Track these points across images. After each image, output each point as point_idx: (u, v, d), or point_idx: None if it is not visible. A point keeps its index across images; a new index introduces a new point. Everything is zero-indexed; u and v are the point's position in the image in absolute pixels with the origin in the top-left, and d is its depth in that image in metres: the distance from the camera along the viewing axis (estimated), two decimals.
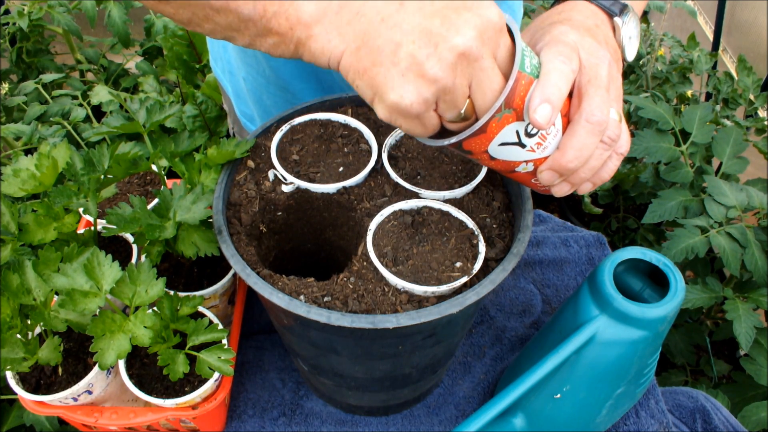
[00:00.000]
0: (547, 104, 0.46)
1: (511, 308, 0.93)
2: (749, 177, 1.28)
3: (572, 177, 0.53)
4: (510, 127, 0.48)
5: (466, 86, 0.45)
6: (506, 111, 0.46)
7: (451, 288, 0.55)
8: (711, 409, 0.84)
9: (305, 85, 0.86)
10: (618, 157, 0.54)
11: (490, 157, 0.51)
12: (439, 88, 0.44)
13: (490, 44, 0.43)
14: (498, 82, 0.45)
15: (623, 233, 1.71)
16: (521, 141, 0.50)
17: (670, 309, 0.61)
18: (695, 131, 1.26)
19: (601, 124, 0.50)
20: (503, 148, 0.50)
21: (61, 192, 0.61)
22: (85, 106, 1.31)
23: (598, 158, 0.52)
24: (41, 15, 1.40)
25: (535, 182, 0.56)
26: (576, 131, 0.50)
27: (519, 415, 0.71)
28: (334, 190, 0.65)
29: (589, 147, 0.50)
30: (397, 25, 0.43)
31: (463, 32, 0.42)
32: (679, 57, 1.63)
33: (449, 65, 0.43)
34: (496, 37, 0.44)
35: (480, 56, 0.43)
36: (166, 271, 0.74)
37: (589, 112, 0.49)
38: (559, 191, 0.55)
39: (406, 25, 0.43)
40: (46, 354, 0.60)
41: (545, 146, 0.51)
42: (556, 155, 0.51)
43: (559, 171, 0.52)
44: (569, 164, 0.51)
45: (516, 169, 0.53)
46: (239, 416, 0.80)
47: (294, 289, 0.57)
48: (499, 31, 0.44)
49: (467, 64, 0.43)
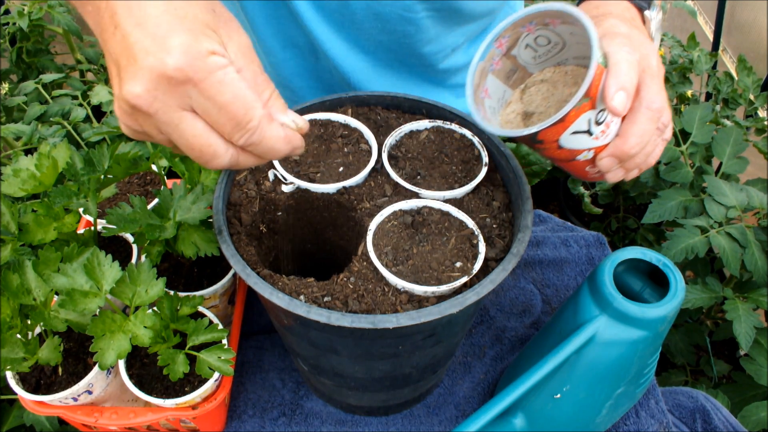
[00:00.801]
0: (622, 92, 0.48)
1: (511, 308, 0.93)
2: (749, 177, 1.27)
3: (628, 163, 0.55)
4: (584, 116, 0.50)
5: (157, 133, 0.42)
6: (584, 100, 0.48)
7: (451, 288, 0.55)
8: (711, 409, 0.84)
9: (305, 83, 0.86)
10: (663, 143, 0.58)
11: (559, 146, 0.52)
12: (131, 129, 0.42)
13: (167, 100, 0.39)
14: (190, 136, 0.41)
15: (623, 233, 1.71)
16: (590, 129, 0.51)
17: (670, 309, 0.61)
18: (695, 131, 1.26)
19: (660, 111, 0.52)
20: (573, 137, 0.52)
21: (61, 192, 0.61)
22: (85, 106, 1.31)
23: (653, 144, 0.55)
24: (41, 15, 1.40)
25: (589, 170, 0.58)
26: (638, 118, 0.52)
27: (519, 415, 0.71)
28: (334, 190, 0.65)
29: (648, 133, 0.53)
30: (107, 44, 0.41)
31: (129, 88, 0.39)
32: (679, 57, 1.63)
33: (126, 113, 0.41)
34: (175, 91, 0.39)
35: (153, 112, 0.39)
36: (166, 271, 0.74)
37: (649, 100, 0.52)
38: (613, 177, 0.57)
39: (112, 49, 0.41)
40: (46, 354, 0.60)
41: (607, 134, 0.53)
42: (617, 142, 0.53)
43: (619, 157, 0.54)
44: (631, 150, 0.53)
45: (577, 157, 0.55)
46: (239, 416, 0.80)
47: (294, 289, 0.57)
48: (179, 84, 0.38)
49: (144, 116, 0.40)
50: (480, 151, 0.67)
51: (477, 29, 0.84)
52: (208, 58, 0.39)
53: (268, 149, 0.44)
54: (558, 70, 0.58)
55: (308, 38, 0.78)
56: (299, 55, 0.82)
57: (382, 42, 0.78)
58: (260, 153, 0.44)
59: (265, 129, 0.43)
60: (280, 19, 0.77)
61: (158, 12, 0.39)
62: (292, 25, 0.77)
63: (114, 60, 0.40)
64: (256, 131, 0.42)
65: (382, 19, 0.74)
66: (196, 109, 0.41)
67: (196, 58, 0.39)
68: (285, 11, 0.76)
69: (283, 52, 0.82)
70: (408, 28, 0.75)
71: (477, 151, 0.67)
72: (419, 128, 0.69)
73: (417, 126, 0.69)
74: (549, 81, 0.58)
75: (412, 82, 0.86)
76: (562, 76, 0.57)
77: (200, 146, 0.42)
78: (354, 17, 0.74)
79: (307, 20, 0.74)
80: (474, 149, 0.67)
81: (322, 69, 0.84)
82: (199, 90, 0.39)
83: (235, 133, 0.42)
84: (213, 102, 0.40)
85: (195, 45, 0.39)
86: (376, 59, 0.81)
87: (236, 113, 0.41)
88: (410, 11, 0.73)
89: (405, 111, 0.73)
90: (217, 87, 0.40)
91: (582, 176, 0.60)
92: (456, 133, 0.69)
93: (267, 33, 0.80)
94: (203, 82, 0.39)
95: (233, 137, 0.42)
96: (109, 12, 0.40)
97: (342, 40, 0.78)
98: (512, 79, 0.60)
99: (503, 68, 0.58)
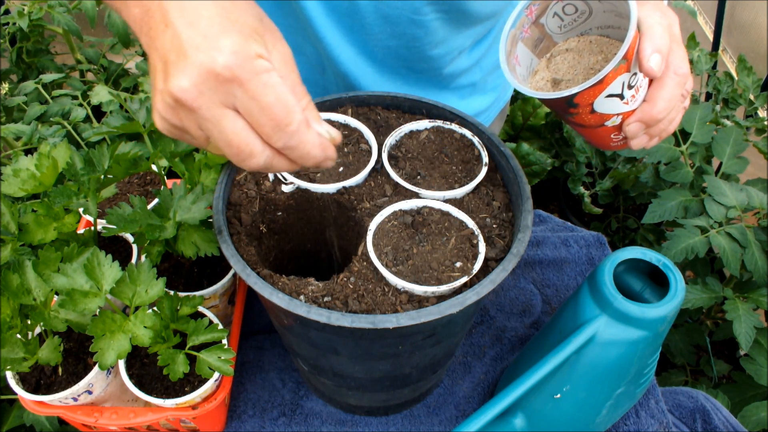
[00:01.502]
0: (658, 54, 0.50)
1: (511, 308, 0.93)
2: (749, 177, 1.28)
3: (653, 129, 0.57)
4: (620, 78, 0.51)
5: (197, 129, 0.43)
6: (622, 62, 0.49)
7: (451, 288, 0.55)
8: (711, 409, 0.84)
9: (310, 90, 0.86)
10: (682, 112, 0.59)
11: (592, 110, 0.54)
12: (170, 124, 0.44)
13: (213, 96, 0.41)
14: (230, 133, 0.42)
15: (623, 233, 1.71)
16: (623, 92, 0.53)
17: (670, 309, 0.61)
18: (695, 131, 1.26)
19: (686, 76, 0.54)
20: (607, 101, 0.53)
21: (61, 192, 0.61)
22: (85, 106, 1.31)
23: (677, 110, 0.56)
24: (41, 15, 1.40)
25: (613, 137, 0.59)
26: (666, 83, 0.54)
27: (519, 415, 0.71)
28: (334, 190, 0.65)
29: (675, 98, 0.54)
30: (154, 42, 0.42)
31: (176, 82, 0.40)
32: None
33: (169, 107, 0.42)
34: (221, 88, 0.40)
35: (197, 107, 0.41)
36: (166, 271, 0.74)
37: (676, 65, 0.53)
38: (637, 143, 0.58)
39: (160, 46, 0.42)
40: (46, 354, 0.60)
41: (636, 99, 0.55)
42: (645, 107, 0.55)
43: (647, 122, 0.55)
44: (659, 115, 0.54)
45: (606, 123, 0.56)
46: (239, 416, 0.80)
47: (294, 289, 0.57)
48: (225, 82, 0.40)
49: (186, 111, 0.42)
50: (480, 151, 0.67)
51: (483, 31, 0.84)
52: (255, 60, 0.41)
53: (304, 154, 0.45)
54: (582, 40, 0.60)
55: (316, 47, 0.78)
56: (305, 63, 0.82)
57: (391, 47, 0.78)
58: (295, 157, 0.45)
59: (303, 134, 0.44)
60: (289, 27, 0.77)
61: (211, 14, 0.41)
62: (302, 34, 0.77)
63: (161, 56, 0.42)
64: (294, 135, 0.43)
65: (391, 22, 0.74)
66: (239, 108, 0.42)
67: (244, 59, 0.40)
68: (294, 19, 0.76)
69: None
70: (417, 31, 0.75)
71: (477, 151, 0.67)
72: (419, 128, 0.69)
73: (417, 126, 0.69)
74: (574, 50, 0.60)
75: (418, 89, 0.86)
76: (587, 45, 0.59)
77: (239, 144, 0.43)
78: (364, 21, 0.74)
79: (317, 25, 0.74)
80: (474, 149, 0.67)
81: (327, 81, 0.84)
82: (245, 89, 0.41)
83: (274, 135, 0.43)
84: (256, 102, 0.41)
85: (244, 47, 0.40)
86: (384, 66, 0.81)
87: (277, 115, 0.42)
88: (419, 14, 0.73)
89: (405, 111, 0.73)
90: (262, 88, 0.41)
91: (605, 144, 0.61)
92: (456, 133, 0.69)
93: None
94: (249, 82, 0.41)
95: (272, 138, 0.43)
96: (160, 12, 0.42)
97: (351, 46, 0.77)
98: (539, 48, 0.61)
99: (531, 36, 0.60)
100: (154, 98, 0.43)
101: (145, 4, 0.43)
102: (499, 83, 0.98)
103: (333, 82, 0.83)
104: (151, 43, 0.43)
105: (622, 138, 0.59)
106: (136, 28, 0.45)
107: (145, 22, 0.43)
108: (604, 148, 0.62)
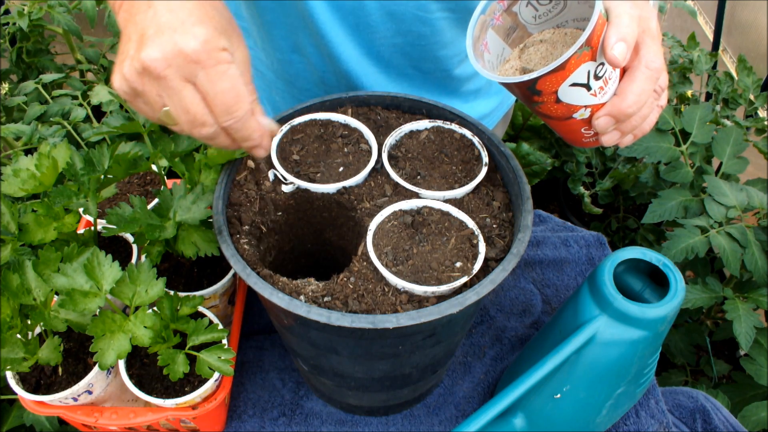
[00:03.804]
0: (623, 42, 0.49)
1: (511, 308, 0.93)
2: (749, 177, 1.27)
3: (624, 125, 0.55)
4: (584, 66, 0.50)
5: (156, 95, 0.49)
6: (585, 48, 0.48)
7: (451, 288, 0.55)
8: (711, 409, 0.84)
9: (310, 86, 0.86)
10: (658, 111, 0.58)
11: (557, 99, 0.52)
12: (130, 87, 0.49)
13: (178, 70, 0.47)
14: (189, 104, 0.48)
15: (623, 233, 1.70)
16: (588, 83, 0.51)
17: (670, 309, 0.61)
18: (695, 131, 1.26)
19: (659, 71, 0.53)
20: (572, 90, 0.51)
21: (61, 192, 0.61)
22: (85, 106, 1.31)
23: (649, 106, 0.55)
24: (41, 15, 1.40)
25: (584, 132, 0.57)
26: (636, 77, 0.53)
27: (519, 415, 0.71)
28: (334, 190, 0.65)
29: (646, 92, 0.53)
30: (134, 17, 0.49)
31: (148, 51, 0.46)
32: (679, 57, 1.63)
33: (136, 71, 0.48)
34: (186, 65, 0.47)
35: (163, 76, 0.47)
36: (166, 271, 0.74)
37: (648, 59, 0.52)
38: (608, 140, 0.57)
39: (140, 21, 0.48)
40: (46, 354, 0.60)
41: (605, 91, 0.53)
42: (615, 100, 0.54)
43: (616, 116, 0.54)
44: (628, 109, 0.53)
45: (574, 115, 0.54)
46: (239, 416, 0.80)
47: (294, 289, 0.57)
48: (191, 62, 0.47)
49: (152, 78, 0.47)
50: (480, 151, 0.67)
51: None
52: (220, 52, 0.48)
53: (245, 136, 0.52)
54: (557, 32, 0.58)
55: (318, 46, 0.78)
56: (306, 62, 0.82)
57: (397, 45, 0.77)
58: (237, 138, 0.52)
59: (247, 120, 0.51)
60: (290, 26, 0.77)
61: (191, 7, 0.48)
62: (303, 32, 0.77)
63: (139, 30, 0.48)
64: (239, 120, 0.50)
65: (396, 19, 0.74)
66: (198, 87, 0.48)
67: (212, 49, 0.47)
68: (296, 17, 0.75)
69: (291, 54, 0.82)
70: (423, 29, 0.75)
71: (477, 151, 0.67)
72: (419, 128, 0.69)
73: (417, 126, 0.69)
74: (548, 41, 0.58)
75: (426, 91, 0.86)
76: (561, 37, 0.58)
77: (195, 112, 0.49)
78: (369, 19, 0.74)
79: (321, 23, 0.74)
80: (474, 149, 0.67)
81: (328, 82, 0.84)
82: (206, 73, 0.47)
83: (222, 116, 0.50)
84: (213, 85, 0.48)
85: (214, 39, 0.47)
86: (390, 66, 0.81)
87: (229, 100, 0.49)
88: (425, 11, 0.73)
89: (405, 111, 0.73)
90: (221, 75, 0.48)
91: (576, 139, 0.59)
92: (456, 133, 0.69)
93: (277, 34, 0.79)
94: (211, 68, 0.47)
95: (220, 119, 0.50)
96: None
97: (356, 45, 0.77)
98: (511, 37, 0.60)
99: (503, 25, 0.59)
100: (120, 62, 0.49)
101: None
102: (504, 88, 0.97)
103: (334, 82, 0.83)
104: (130, 18, 0.49)
105: (592, 134, 0.57)
106: (116, 6, 0.52)
107: (129, 2, 0.50)
108: (577, 144, 0.61)
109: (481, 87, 0.91)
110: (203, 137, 0.51)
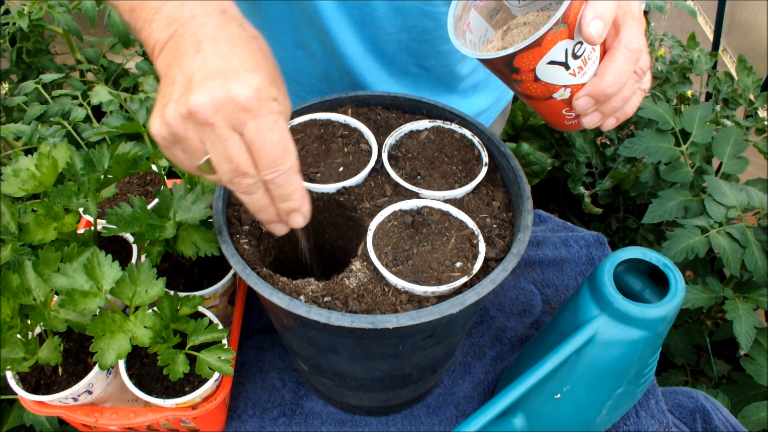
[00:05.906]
0: (599, 20, 0.49)
1: (511, 308, 0.93)
2: (749, 177, 1.27)
3: (605, 106, 0.55)
4: (561, 44, 0.50)
5: (198, 142, 0.46)
6: (561, 25, 0.48)
7: (451, 288, 0.55)
8: (711, 409, 0.84)
9: (313, 81, 0.86)
10: (641, 94, 0.57)
11: (535, 77, 0.52)
12: (171, 132, 0.46)
13: (226, 117, 0.45)
14: (234, 153, 0.46)
15: (623, 233, 1.71)
16: (567, 62, 0.51)
17: (670, 309, 0.61)
18: (695, 131, 1.26)
19: (638, 52, 0.53)
20: (550, 68, 0.51)
21: (61, 192, 0.61)
22: (85, 106, 1.31)
23: (630, 88, 0.55)
24: (41, 15, 1.40)
25: (565, 113, 0.57)
26: (615, 57, 0.53)
27: (519, 415, 0.71)
28: (334, 190, 0.65)
29: (626, 73, 0.53)
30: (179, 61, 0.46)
31: (197, 96, 0.44)
32: (679, 57, 1.63)
33: (180, 116, 0.45)
34: (236, 113, 0.45)
35: (210, 123, 0.45)
36: (166, 271, 0.74)
37: (628, 40, 0.52)
38: (589, 122, 0.57)
39: (187, 65, 0.46)
40: (46, 354, 0.60)
41: (585, 71, 0.53)
42: (594, 81, 0.54)
43: (596, 97, 0.54)
44: (607, 89, 0.53)
45: (554, 95, 0.54)
46: (239, 416, 0.80)
47: (294, 289, 0.57)
48: (242, 110, 0.44)
49: (197, 124, 0.45)
50: (480, 151, 0.67)
51: None
52: (271, 102, 0.46)
53: (285, 194, 0.50)
54: (541, 14, 0.58)
55: (323, 43, 0.78)
56: (309, 58, 0.82)
57: (402, 41, 0.78)
58: (277, 194, 0.50)
59: (291, 175, 0.49)
60: (294, 22, 0.77)
61: (243, 54, 0.47)
62: (308, 28, 0.77)
63: (185, 74, 0.45)
64: (284, 174, 0.48)
65: (402, 13, 0.74)
66: (245, 136, 0.46)
67: (263, 98, 0.45)
68: (301, 13, 0.75)
69: (294, 50, 0.82)
70: (428, 23, 0.75)
71: (477, 151, 0.67)
72: (419, 128, 0.69)
73: (417, 126, 0.69)
74: (532, 23, 0.58)
75: (426, 88, 0.86)
76: (545, 20, 0.57)
77: (239, 162, 0.47)
78: (375, 14, 0.74)
79: (326, 19, 0.74)
80: (474, 149, 0.67)
81: (331, 79, 0.84)
82: (256, 122, 0.45)
83: (267, 168, 0.47)
84: (262, 136, 0.46)
85: (266, 88, 0.46)
86: (393, 63, 0.81)
87: (276, 152, 0.47)
88: (431, 5, 0.73)
89: (405, 111, 0.73)
90: (271, 126, 0.46)
91: (559, 122, 0.59)
92: (456, 133, 0.69)
93: (281, 30, 0.79)
94: (262, 118, 0.45)
95: (264, 171, 0.48)
96: (194, 40, 0.47)
97: (360, 41, 0.77)
98: (495, 19, 0.60)
99: (487, 6, 0.58)
100: (162, 106, 0.46)
101: (177, 30, 0.48)
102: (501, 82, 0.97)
103: (338, 79, 0.83)
104: (174, 61, 0.47)
105: (575, 115, 0.57)
106: (155, 48, 0.49)
107: (172, 45, 0.48)
108: (560, 127, 0.60)
109: (479, 81, 0.91)
110: (242, 189, 0.49)
